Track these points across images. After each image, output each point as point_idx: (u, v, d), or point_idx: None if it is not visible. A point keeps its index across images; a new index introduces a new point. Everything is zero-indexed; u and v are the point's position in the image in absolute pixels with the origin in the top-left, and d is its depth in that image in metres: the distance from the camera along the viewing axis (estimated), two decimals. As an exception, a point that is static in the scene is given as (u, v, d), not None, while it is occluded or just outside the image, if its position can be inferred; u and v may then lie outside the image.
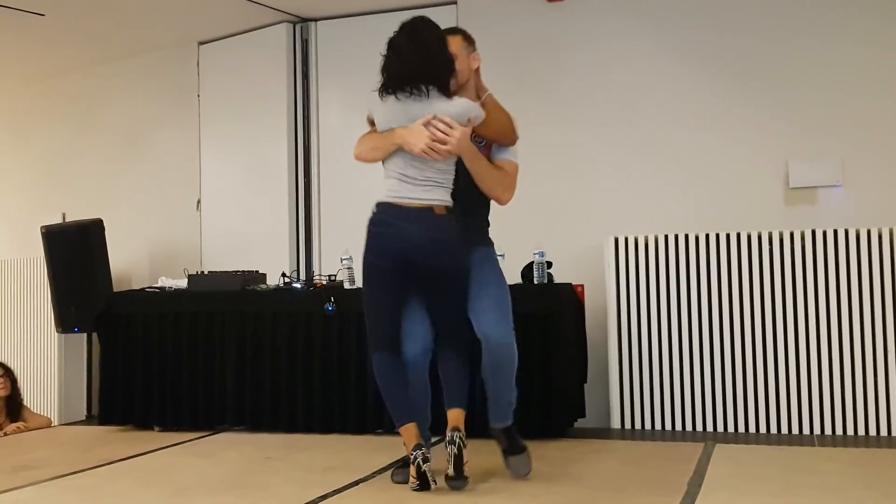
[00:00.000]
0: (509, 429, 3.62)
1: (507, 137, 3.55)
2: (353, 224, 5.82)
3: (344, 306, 4.77)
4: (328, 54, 6.02)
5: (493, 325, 3.45)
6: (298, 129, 6.03)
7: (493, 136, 3.52)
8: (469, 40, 3.61)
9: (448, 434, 3.32)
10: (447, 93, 3.37)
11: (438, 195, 3.38)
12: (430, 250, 3.34)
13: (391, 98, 3.39)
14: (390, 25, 5.84)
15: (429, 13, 5.64)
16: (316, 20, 6.03)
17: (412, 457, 3.30)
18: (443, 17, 5.63)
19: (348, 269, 4.93)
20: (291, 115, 6.01)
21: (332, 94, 6.01)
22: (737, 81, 5.12)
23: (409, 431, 3.36)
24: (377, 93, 3.43)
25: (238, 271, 5.21)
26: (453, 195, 3.41)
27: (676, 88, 5.25)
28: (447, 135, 3.27)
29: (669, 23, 5.29)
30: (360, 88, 5.89)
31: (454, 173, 3.42)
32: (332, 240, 5.83)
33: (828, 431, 4.56)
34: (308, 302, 4.88)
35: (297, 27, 6.06)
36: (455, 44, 3.53)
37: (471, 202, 3.51)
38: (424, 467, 3.29)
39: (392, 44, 3.44)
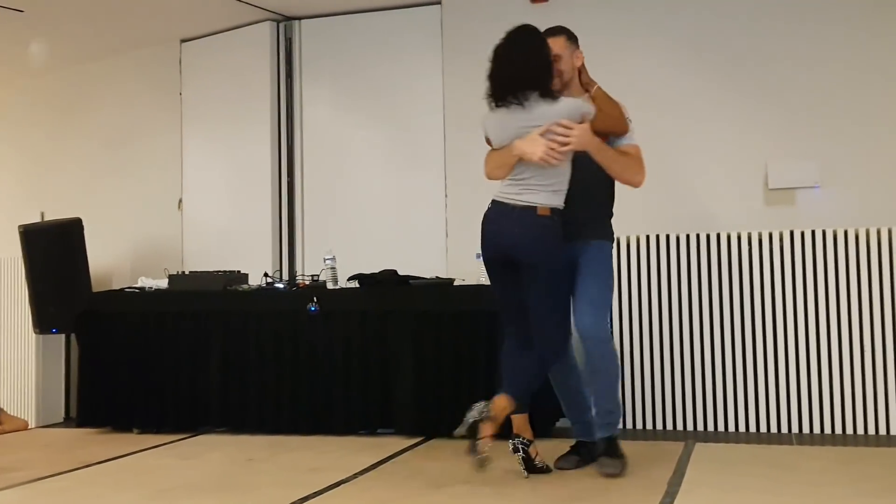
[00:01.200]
0: (610, 441, 3.68)
1: (619, 128, 3.63)
2: (336, 224, 5.89)
3: (327, 306, 4.77)
4: (312, 53, 6.00)
5: (586, 319, 3.56)
6: (282, 129, 6.01)
7: (605, 128, 3.58)
8: (572, 38, 3.76)
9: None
10: (551, 95, 3.48)
11: (544, 199, 3.48)
12: (526, 248, 3.47)
13: (500, 110, 3.52)
14: (375, 25, 5.93)
15: (413, 13, 5.79)
16: (300, 18, 6.01)
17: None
18: (427, 18, 5.71)
19: (331, 269, 4.94)
20: (275, 114, 5.99)
21: (317, 93, 6.00)
22: (717, 83, 5.15)
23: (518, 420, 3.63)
24: (488, 108, 3.57)
25: (220, 271, 5.20)
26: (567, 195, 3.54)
27: (657, 89, 5.27)
28: (567, 136, 3.39)
29: (652, 24, 5.31)
30: (344, 87, 5.99)
31: (565, 178, 3.52)
32: (315, 240, 5.82)
33: (806, 430, 4.60)
34: (291, 302, 4.88)
35: (281, 25, 6.04)
36: (558, 44, 3.66)
37: (585, 198, 3.63)
38: (516, 456, 3.59)
39: (493, 54, 3.55)
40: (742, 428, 4.68)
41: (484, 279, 4.67)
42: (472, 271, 4.78)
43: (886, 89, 4.86)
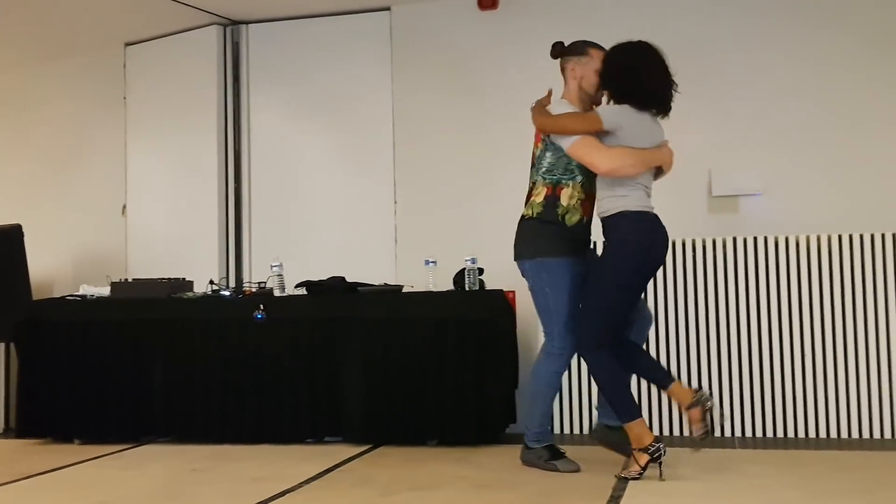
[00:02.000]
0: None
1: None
2: (284, 231, 5.85)
3: (274, 314, 4.73)
4: (260, 58, 5.96)
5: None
6: (229, 134, 5.94)
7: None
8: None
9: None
10: None
11: None
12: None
13: (645, 114, 3.65)
14: (324, 30, 5.90)
15: (362, 19, 5.77)
16: (247, 23, 5.96)
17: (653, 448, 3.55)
18: (376, 24, 5.70)
19: (278, 276, 4.89)
20: (221, 119, 5.93)
21: (265, 99, 5.95)
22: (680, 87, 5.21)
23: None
24: (625, 105, 3.64)
25: (164, 279, 5.13)
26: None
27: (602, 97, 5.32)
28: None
29: (598, 31, 5.33)
30: (293, 92, 5.95)
31: None
32: (262, 247, 5.78)
33: (749, 433, 4.67)
34: (237, 310, 4.83)
35: (228, 30, 5.98)
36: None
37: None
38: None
39: (655, 59, 3.69)
40: (686, 432, 4.72)
41: (434, 286, 4.69)
42: (421, 278, 4.77)
43: (827, 100, 4.96)
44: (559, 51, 3.90)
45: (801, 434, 4.62)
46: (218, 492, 3.64)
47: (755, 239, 4.75)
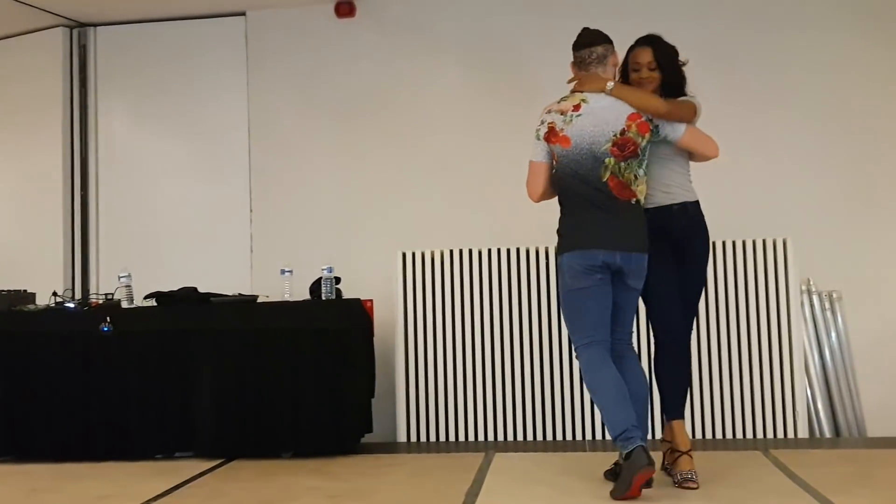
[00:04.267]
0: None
1: None
2: (134, 240, 5.67)
3: (122, 326, 4.57)
4: (109, 62, 5.77)
5: None
6: (75, 139, 5.74)
7: None
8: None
9: None
10: None
11: None
12: None
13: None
14: (176, 34, 5.76)
15: (216, 24, 5.67)
16: (95, 25, 5.77)
17: None
18: (230, 29, 5.61)
19: (127, 287, 4.73)
20: (67, 124, 5.72)
21: (114, 103, 5.76)
22: (522, 100, 5.26)
23: None
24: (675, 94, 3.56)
25: (3, 291, 4.88)
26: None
27: (464, 106, 5.41)
28: None
29: (459, 41, 5.45)
30: (143, 97, 5.78)
31: None
32: (111, 257, 5.61)
33: (599, 437, 4.81)
34: (82, 322, 4.64)
35: (75, 32, 5.77)
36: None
37: None
38: None
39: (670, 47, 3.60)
40: (539, 436, 4.85)
41: (290, 295, 4.64)
42: (277, 287, 4.71)
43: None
44: (598, 37, 3.54)
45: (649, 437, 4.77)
46: (58, 513, 3.49)
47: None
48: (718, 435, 4.75)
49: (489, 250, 4.97)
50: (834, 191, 5.17)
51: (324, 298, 4.60)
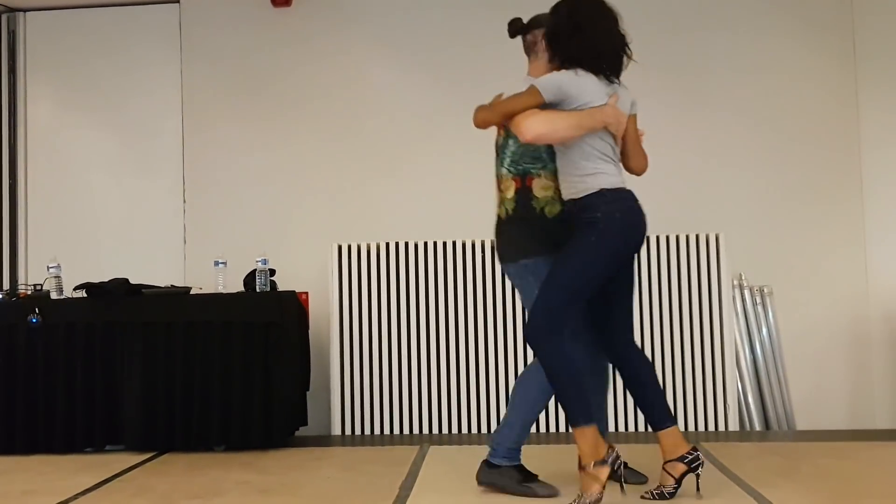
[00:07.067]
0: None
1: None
2: (64, 230, 5.54)
3: (51, 318, 4.47)
4: (38, 48, 5.63)
5: None
6: (3, 126, 5.59)
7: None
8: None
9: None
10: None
11: None
12: None
13: (591, 77, 3.14)
14: (108, 21, 5.64)
15: (149, 11, 5.57)
16: (25, 10, 5.62)
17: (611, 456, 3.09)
18: (164, 17, 5.51)
19: (56, 277, 4.63)
20: (-5, 111, 5.56)
21: (43, 91, 5.62)
22: (464, 92, 5.24)
23: None
24: (567, 70, 3.14)
25: (-74, 281, 4.74)
26: None
27: (401, 98, 5.39)
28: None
29: (397, 31, 5.42)
30: (74, 85, 5.65)
31: None
32: (40, 246, 5.47)
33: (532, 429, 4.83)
34: (9, 314, 4.53)
35: (4, 17, 5.61)
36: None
37: None
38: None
39: (596, 17, 3.16)
40: (475, 429, 4.86)
41: (223, 287, 4.57)
42: (211, 279, 4.65)
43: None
44: (519, 27, 3.41)
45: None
46: (-22, 509, 3.40)
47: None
48: (650, 427, 4.78)
49: (424, 243, 4.97)
50: (766, 188, 5.27)
51: (258, 291, 4.55)
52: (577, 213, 3.16)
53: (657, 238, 4.88)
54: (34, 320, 4.47)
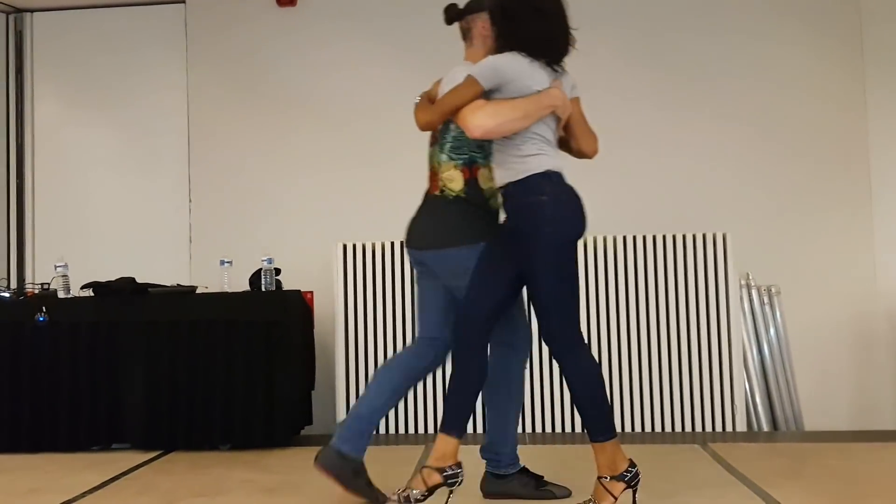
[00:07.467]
0: None
1: None
2: (71, 229, 5.56)
3: (57, 316, 4.48)
4: (46, 49, 5.66)
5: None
6: (11, 126, 5.62)
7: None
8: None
9: None
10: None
11: None
12: None
13: (537, 64, 3.00)
14: (115, 21, 5.66)
15: (155, 11, 5.58)
16: (32, 11, 5.65)
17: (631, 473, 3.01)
18: (170, 17, 5.53)
19: (63, 276, 4.65)
20: (2, 111, 5.62)
21: (50, 91, 5.65)
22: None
23: None
24: (505, 54, 3.01)
25: (-66, 279, 4.76)
26: None
27: (405, 97, 5.33)
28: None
29: (401, 31, 5.42)
30: (81, 86, 5.67)
31: None
32: (47, 245, 5.50)
33: (539, 430, 4.83)
34: (16, 312, 4.54)
35: (11, 18, 5.64)
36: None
37: None
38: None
39: (541, 5, 3.02)
40: (479, 429, 4.81)
41: (228, 286, 4.58)
42: (216, 279, 4.65)
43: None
44: (455, 13, 3.34)
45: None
46: (-16, 506, 3.41)
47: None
48: (658, 428, 4.78)
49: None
50: (774, 188, 5.25)
51: (263, 290, 4.55)
52: (518, 195, 2.99)
53: (664, 237, 4.86)
54: (41, 319, 4.49)
